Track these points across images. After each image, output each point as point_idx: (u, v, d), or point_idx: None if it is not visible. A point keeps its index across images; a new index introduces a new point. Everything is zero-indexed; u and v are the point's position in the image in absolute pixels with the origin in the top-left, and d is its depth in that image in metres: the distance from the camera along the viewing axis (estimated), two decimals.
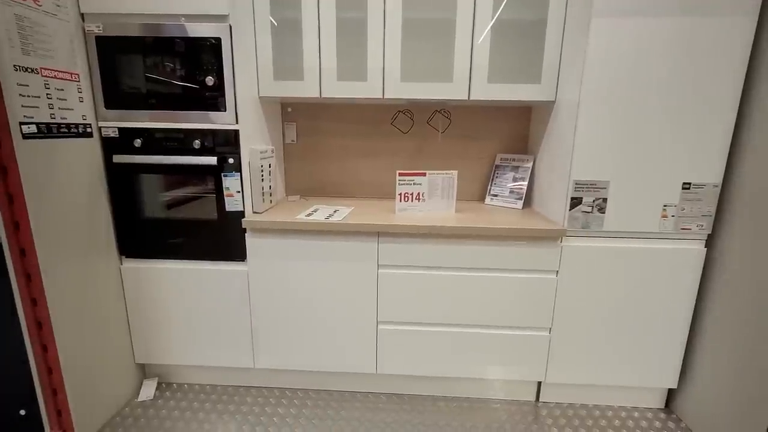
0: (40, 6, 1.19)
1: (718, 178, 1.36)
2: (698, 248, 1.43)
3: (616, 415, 1.60)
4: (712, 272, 1.43)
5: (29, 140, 1.17)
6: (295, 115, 1.92)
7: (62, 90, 1.27)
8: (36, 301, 1.27)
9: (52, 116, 1.24)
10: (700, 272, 1.44)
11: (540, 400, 1.67)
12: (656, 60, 1.28)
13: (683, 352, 1.51)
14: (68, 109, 1.30)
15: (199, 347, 1.63)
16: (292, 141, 1.95)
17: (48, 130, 1.23)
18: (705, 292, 1.46)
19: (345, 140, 1.95)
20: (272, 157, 1.66)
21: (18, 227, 1.21)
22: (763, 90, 1.26)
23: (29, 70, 1.16)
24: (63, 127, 1.29)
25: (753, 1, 1.23)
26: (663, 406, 1.64)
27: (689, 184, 1.36)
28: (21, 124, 1.14)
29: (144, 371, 1.73)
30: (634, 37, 1.28)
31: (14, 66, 1.11)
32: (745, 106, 1.31)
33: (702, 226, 1.40)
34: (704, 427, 1.45)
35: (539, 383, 1.65)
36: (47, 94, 1.22)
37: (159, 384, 1.72)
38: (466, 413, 1.60)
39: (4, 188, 1.17)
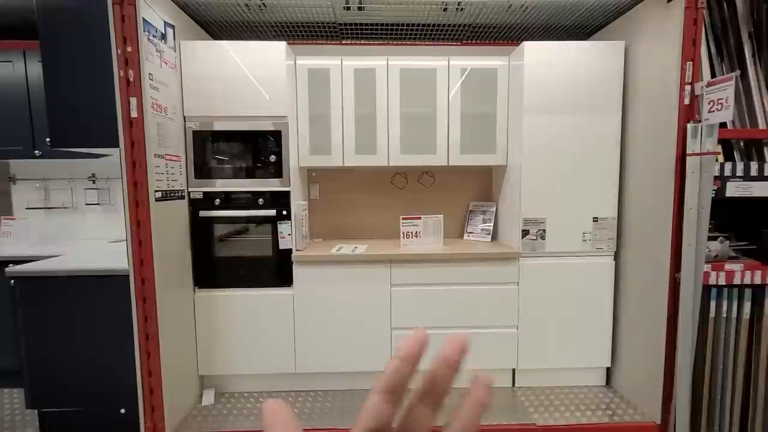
0: (167, 114, 1.79)
1: (614, 213, 2.05)
2: (609, 261, 2.09)
3: (572, 392, 2.14)
4: (619, 277, 2.08)
5: (157, 202, 1.71)
6: (317, 178, 2.55)
7: (173, 168, 1.85)
8: (147, 318, 1.74)
9: (168, 185, 1.80)
10: (613, 277, 2.08)
11: (516, 385, 2.19)
12: (566, 139, 2.02)
13: (611, 337, 2.11)
14: (175, 180, 1.87)
15: (251, 358, 2.08)
16: (315, 197, 2.55)
17: (165, 195, 1.78)
18: (618, 291, 2.09)
19: (355, 195, 2.57)
20: (306, 209, 2.25)
21: (143, 263, 1.71)
22: (628, 160, 2.00)
23: (159, 156, 1.74)
24: (172, 193, 1.84)
25: (617, 105, 2.01)
26: (605, 383, 2.20)
27: (597, 217, 2.05)
28: (154, 191, 1.69)
29: (203, 382, 2.13)
30: (551, 124, 2.01)
31: (154, 154, 1.69)
32: (622, 170, 2.04)
33: (609, 246, 2.07)
34: (632, 392, 2.02)
35: (513, 370, 2.18)
36: (166, 171, 1.79)
37: (215, 393, 2.12)
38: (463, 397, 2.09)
39: (137, 236, 1.69)
